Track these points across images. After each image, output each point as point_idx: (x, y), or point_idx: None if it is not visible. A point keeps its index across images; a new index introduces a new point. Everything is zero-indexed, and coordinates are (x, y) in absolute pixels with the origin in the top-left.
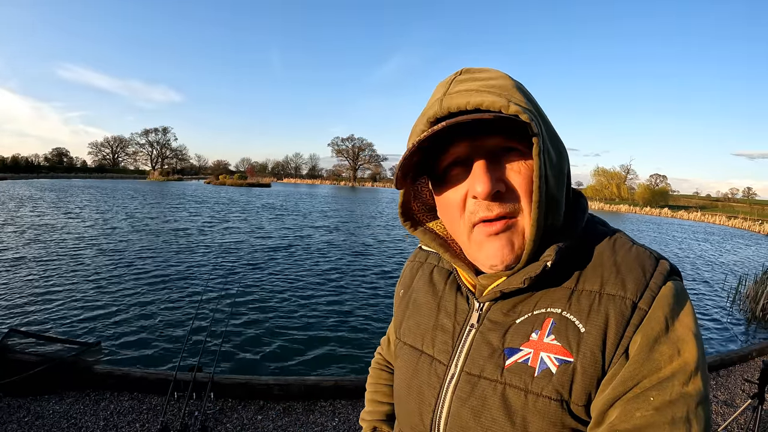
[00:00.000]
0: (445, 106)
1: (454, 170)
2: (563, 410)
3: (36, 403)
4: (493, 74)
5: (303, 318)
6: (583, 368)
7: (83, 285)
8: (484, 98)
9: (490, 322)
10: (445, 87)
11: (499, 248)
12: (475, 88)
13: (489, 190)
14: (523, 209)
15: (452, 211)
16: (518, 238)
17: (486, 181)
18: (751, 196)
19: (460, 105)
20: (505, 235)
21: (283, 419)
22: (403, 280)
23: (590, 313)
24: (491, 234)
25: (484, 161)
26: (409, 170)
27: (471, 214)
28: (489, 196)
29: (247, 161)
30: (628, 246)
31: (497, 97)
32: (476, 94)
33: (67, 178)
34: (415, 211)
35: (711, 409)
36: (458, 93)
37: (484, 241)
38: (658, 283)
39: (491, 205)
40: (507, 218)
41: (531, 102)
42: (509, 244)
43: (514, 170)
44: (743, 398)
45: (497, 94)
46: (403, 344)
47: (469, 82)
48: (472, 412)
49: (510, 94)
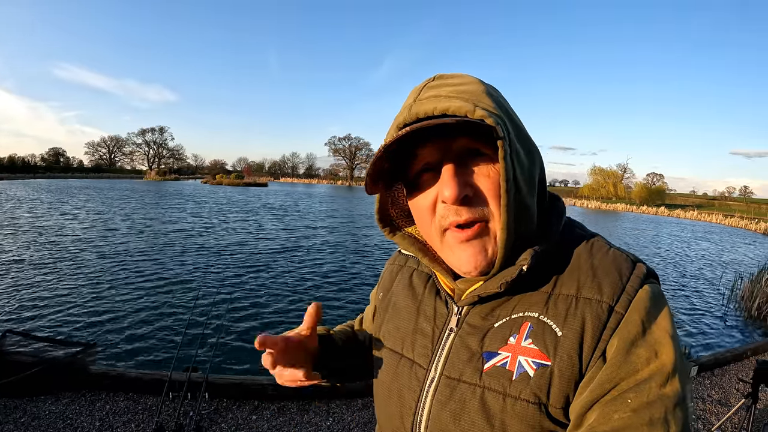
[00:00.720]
0: (413, 112)
1: (425, 175)
2: (541, 413)
3: (32, 403)
4: (464, 80)
5: (298, 317)
6: (561, 371)
7: (79, 286)
8: (452, 103)
9: (469, 326)
10: (416, 93)
11: (472, 255)
12: (445, 93)
13: (456, 194)
14: (493, 213)
15: (424, 216)
16: (491, 244)
17: (453, 186)
18: (748, 195)
19: (428, 111)
20: (477, 241)
21: (278, 419)
22: (383, 284)
23: (567, 316)
24: (463, 240)
25: (452, 166)
26: (382, 176)
27: (441, 219)
28: (457, 201)
29: (244, 161)
30: (605, 249)
31: (464, 102)
32: (444, 99)
33: (64, 178)
34: (393, 216)
35: (689, 409)
36: (427, 99)
37: (456, 247)
38: (634, 287)
39: (460, 210)
40: (478, 223)
41: (500, 107)
42: (482, 251)
43: (483, 174)
44: (737, 397)
45: (464, 99)
46: (382, 347)
47: (439, 87)
48: (451, 415)
49: (478, 99)
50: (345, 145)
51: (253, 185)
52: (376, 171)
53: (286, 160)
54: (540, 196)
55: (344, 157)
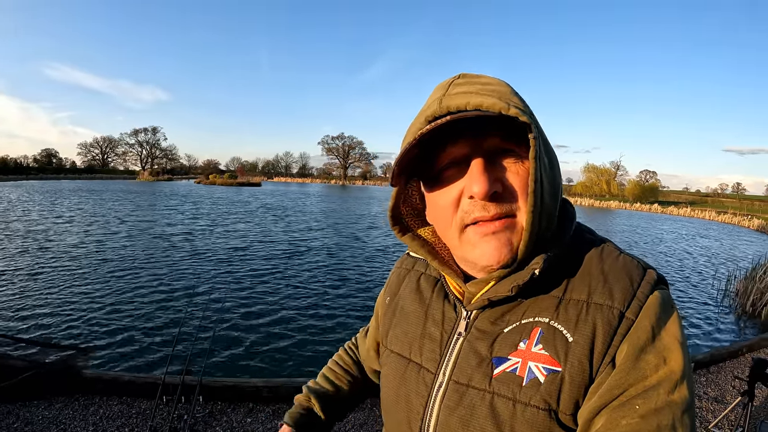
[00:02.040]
0: (444, 105)
1: (449, 171)
2: (551, 419)
3: (25, 408)
4: (491, 80)
5: (291, 319)
6: (571, 377)
7: (71, 289)
8: (485, 100)
9: (478, 331)
10: (444, 89)
11: (496, 248)
12: (475, 90)
13: (487, 189)
14: (520, 209)
15: (444, 212)
16: (517, 237)
17: (484, 181)
18: (741, 192)
19: (460, 105)
20: (503, 234)
21: (273, 422)
22: (390, 287)
23: (578, 322)
24: (488, 233)
25: (482, 161)
26: (406, 169)
27: (465, 214)
28: (487, 196)
29: (237, 160)
30: (616, 255)
31: (497, 100)
32: (476, 95)
33: (57, 179)
34: (404, 214)
35: (695, 416)
36: (457, 94)
37: (479, 240)
38: (645, 293)
39: (488, 206)
40: (504, 218)
41: (529, 109)
42: (508, 243)
43: (512, 171)
44: (733, 395)
45: (497, 96)
46: (390, 352)
47: (467, 85)
48: (460, 421)
49: (509, 98)
50: (338, 144)
51: (247, 185)
52: (405, 161)
53: (280, 160)
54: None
55: (337, 156)
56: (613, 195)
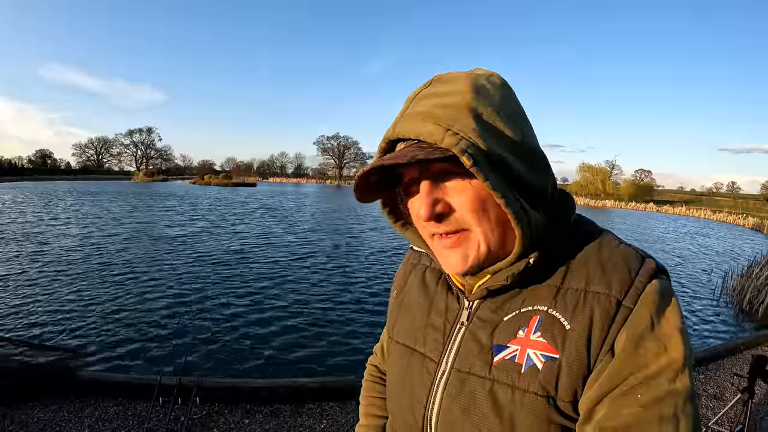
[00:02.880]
0: (396, 131)
1: (412, 187)
2: (550, 406)
3: (20, 411)
4: (453, 87)
5: (289, 319)
6: (569, 365)
7: (66, 290)
8: (425, 128)
9: (479, 320)
10: (408, 103)
11: (454, 261)
12: (426, 110)
13: (429, 213)
14: (470, 224)
15: (416, 222)
16: (472, 250)
17: (426, 206)
18: (735, 191)
19: (405, 133)
20: (458, 249)
21: (271, 422)
22: (397, 282)
23: (575, 310)
24: (446, 247)
25: (427, 185)
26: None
27: (424, 228)
28: (430, 218)
29: (232, 161)
30: (615, 244)
31: (435, 127)
32: (420, 122)
33: (51, 180)
34: (403, 211)
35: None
36: (410, 115)
37: (442, 251)
38: (643, 281)
39: (437, 225)
40: (456, 233)
41: (483, 124)
42: (464, 258)
43: (457, 190)
44: (732, 392)
45: (437, 122)
46: (395, 343)
47: (427, 99)
48: (461, 408)
49: (454, 119)
50: (333, 144)
51: (242, 185)
52: (362, 188)
53: (275, 160)
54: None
55: (333, 157)
56: (608, 194)
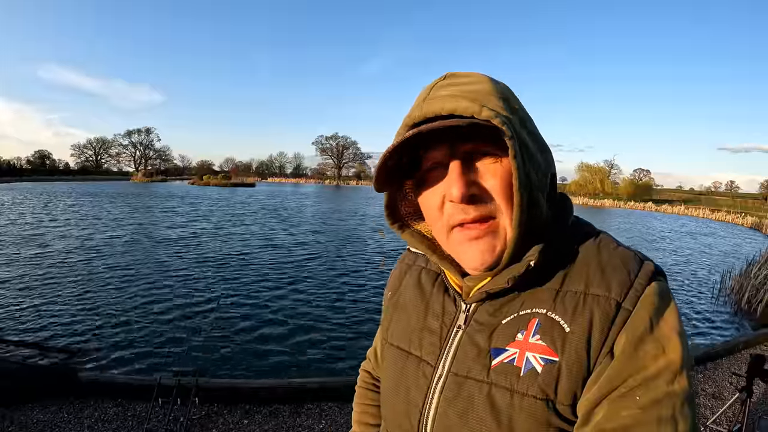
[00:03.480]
0: (423, 111)
1: (433, 173)
2: (549, 410)
3: (20, 412)
4: (474, 78)
5: (288, 320)
6: (569, 368)
7: (65, 292)
8: (459, 104)
9: (477, 323)
10: (427, 92)
11: (479, 252)
12: (453, 93)
13: (463, 193)
14: (501, 210)
15: (433, 214)
16: (499, 241)
17: (460, 185)
18: (734, 190)
19: (436, 110)
20: (485, 239)
21: (270, 423)
22: (392, 283)
23: (575, 313)
24: (472, 238)
25: (459, 164)
26: (392, 174)
27: (449, 217)
28: (464, 199)
29: (231, 161)
30: (613, 247)
31: (471, 103)
32: (451, 99)
33: (50, 181)
34: (403, 214)
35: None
36: (437, 98)
37: (465, 244)
38: (642, 284)
39: (467, 208)
40: (485, 221)
41: (509, 107)
42: (491, 249)
43: (490, 173)
44: (731, 391)
45: (472, 99)
46: (390, 345)
47: (449, 87)
48: (458, 412)
49: (486, 99)
50: (332, 144)
51: (241, 185)
52: (385, 169)
53: (274, 160)
54: (550, 194)
55: (331, 156)
56: (607, 193)
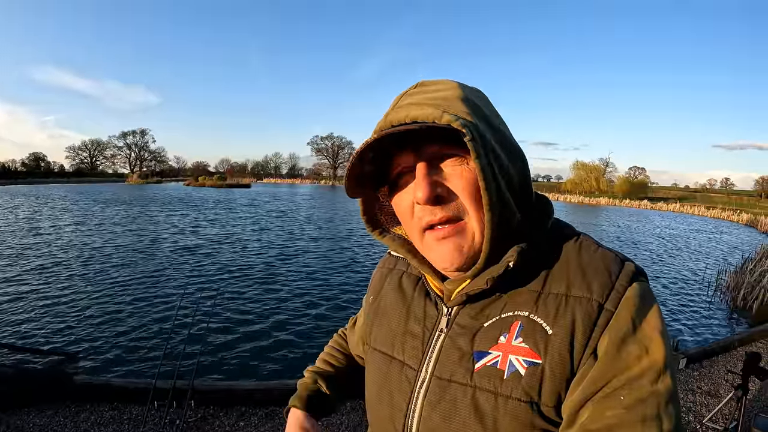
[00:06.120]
0: (389, 120)
1: (404, 178)
2: (533, 412)
3: (16, 416)
4: (441, 86)
5: (282, 322)
6: (552, 370)
7: (60, 295)
8: (423, 111)
9: (459, 327)
10: (396, 101)
11: (448, 252)
12: (419, 101)
13: (428, 194)
14: (467, 211)
15: (405, 217)
16: (467, 242)
17: (424, 186)
18: (729, 187)
19: (401, 118)
20: (453, 239)
21: (266, 425)
22: (373, 287)
23: (557, 315)
24: (440, 238)
25: (424, 167)
26: (363, 180)
27: (419, 219)
28: (429, 201)
29: (226, 162)
30: (594, 248)
31: (434, 109)
32: (417, 107)
33: (45, 183)
34: (382, 221)
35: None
36: (403, 107)
37: (434, 244)
38: (623, 285)
39: (434, 210)
40: (453, 222)
41: (475, 111)
42: (458, 249)
43: (456, 174)
44: (726, 388)
45: (435, 106)
46: (373, 350)
47: (417, 95)
48: (442, 416)
49: (449, 105)
50: (327, 144)
51: (236, 186)
52: (354, 175)
53: (269, 161)
54: (526, 195)
55: (327, 157)
56: (602, 192)
